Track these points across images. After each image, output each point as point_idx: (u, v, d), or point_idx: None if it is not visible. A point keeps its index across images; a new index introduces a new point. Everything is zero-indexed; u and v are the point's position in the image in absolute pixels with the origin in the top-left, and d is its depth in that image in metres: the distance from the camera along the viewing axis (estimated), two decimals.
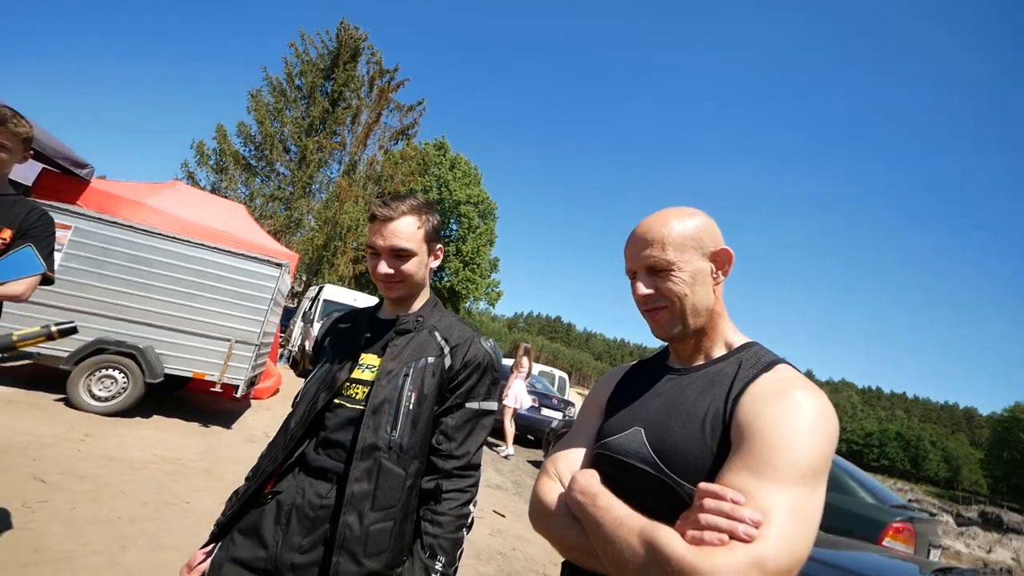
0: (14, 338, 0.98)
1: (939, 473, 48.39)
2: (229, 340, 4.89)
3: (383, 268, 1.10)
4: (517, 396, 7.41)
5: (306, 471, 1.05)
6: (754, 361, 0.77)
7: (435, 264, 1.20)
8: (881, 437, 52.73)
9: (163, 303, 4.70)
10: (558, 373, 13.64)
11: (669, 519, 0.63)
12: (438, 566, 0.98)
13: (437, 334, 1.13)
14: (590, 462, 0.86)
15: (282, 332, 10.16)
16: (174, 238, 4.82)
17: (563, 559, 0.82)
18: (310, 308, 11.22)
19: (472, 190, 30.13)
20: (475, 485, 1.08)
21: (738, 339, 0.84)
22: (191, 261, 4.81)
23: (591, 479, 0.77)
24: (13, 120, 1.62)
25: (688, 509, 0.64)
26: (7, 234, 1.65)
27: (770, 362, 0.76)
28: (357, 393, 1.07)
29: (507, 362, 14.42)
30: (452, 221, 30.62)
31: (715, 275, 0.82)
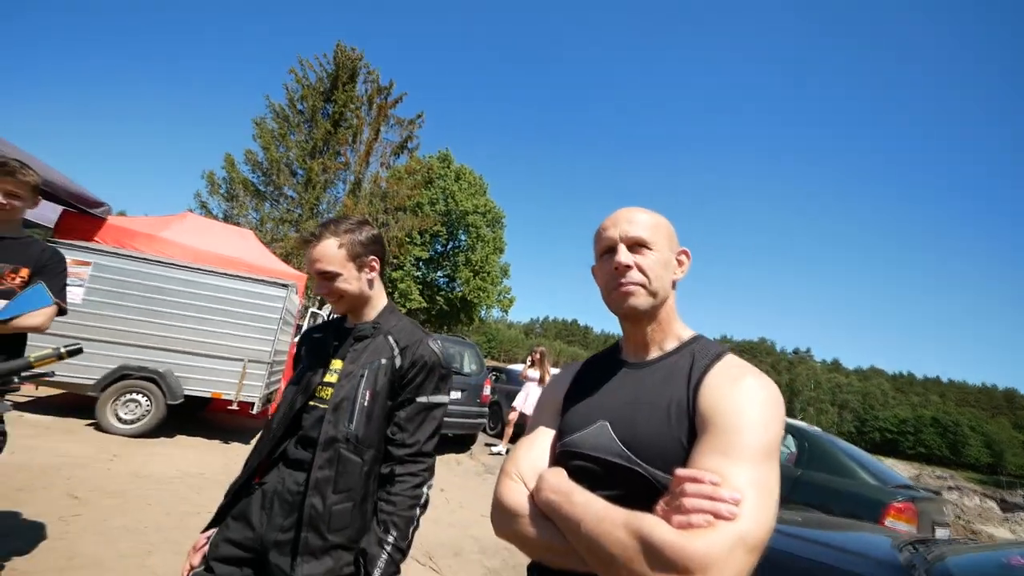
0: (31, 359, 1.18)
1: (980, 459, 46.48)
2: (243, 360, 5.16)
3: (320, 288, 1.25)
4: (527, 399, 7.47)
5: (286, 464, 1.21)
6: (705, 352, 0.82)
7: (371, 276, 1.30)
8: (916, 424, 50.98)
9: (180, 328, 5.00)
10: (556, 371, 13.72)
11: (643, 508, 0.64)
12: (390, 539, 1.12)
13: (390, 337, 1.26)
14: (555, 460, 0.86)
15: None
16: (186, 267, 5.13)
17: (530, 561, 0.83)
18: None
19: (478, 200, 30.47)
20: (428, 470, 1.22)
21: (686, 333, 0.89)
22: (203, 288, 5.11)
23: (561, 477, 0.77)
24: (21, 171, 1.83)
25: (663, 496, 0.66)
26: (25, 273, 1.87)
27: (719, 352, 0.81)
28: (326, 394, 1.22)
29: (519, 367, 14.41)
30: (460, 232, 30.99)
31: (675, 271, 0.88)
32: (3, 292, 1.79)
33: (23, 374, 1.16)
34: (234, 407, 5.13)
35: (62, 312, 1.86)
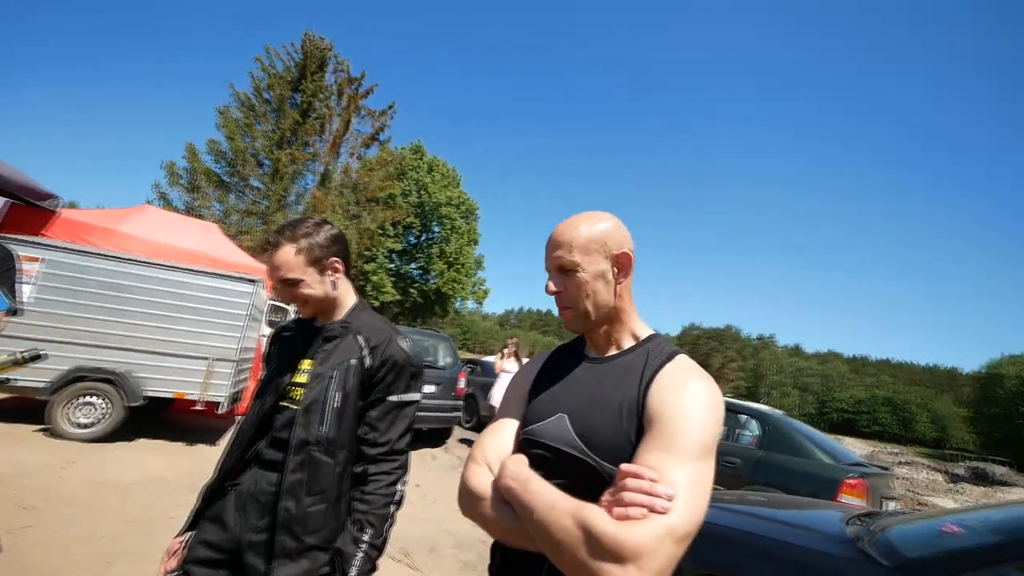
0: None
1: (928, 434, 49.65)
2: (208, 358, 4.99)
3: (284, 294, 1.26)
4: (500, 394, 7.54)
5: (259, 464, 1.22)
6: (658, 352, 0.88)
7: (335, 277, 1.29)
8: (871, 403, 53.98)
9: (140, 327, 4.79)
10: None
11: (591, 495, 0.72)
12: (365, 537, 1.13)
13: (360, 337, 1.25)
14: (517, 447, 0.92)
15: None
16: (145, 262, 4.90)
17: (493, 540, 0.89)
18: None
19: (452, 192, 30.22)
20: (401, 467, 1.22)
21: (644, 331, 0.95)
22: (164, 284, 4.90)
23: (521, 465, 0.81)
24: None
25: (610, 487, 0.73)
26: None
27: (671, 353, 0.87)
28: (297, 395, 1.22)
29: (492, 359, 14.41)
30: (434, 223, 30.70)
31: (616, 276, 0.91)
32: None
33: None
34: (199, 407, 4.97)
35: (13, 312, 1.78)
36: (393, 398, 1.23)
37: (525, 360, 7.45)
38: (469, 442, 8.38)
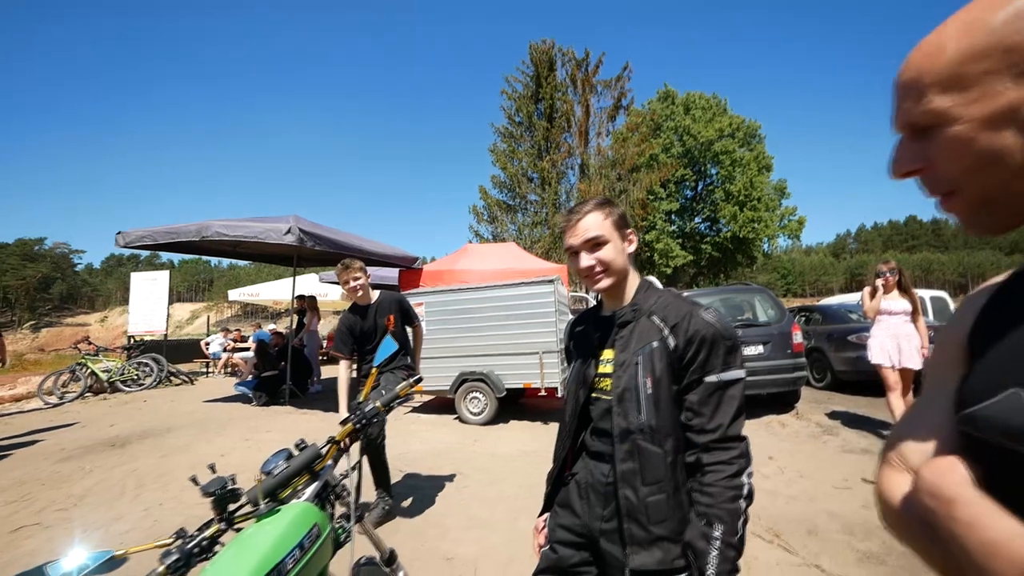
0: (398, 390, 1.62)
1: None
2: (538, 352, 5.92)
3: (584, 262, 1.21)
4: (882, 346, 4.71)
5: (589, 455, 1.27)
6: None
7: (631, 249, 1.26)
8: None
9: (489, 336, 6.15)
10: (930, 295, 9.29)
11: None
12: (716, 533, 1.01)
13: (655, 318, 1.17)
14: (952, 443, 0.57)
15: None
16: (480, 287, 6.31)
17: None
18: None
19: (720, 122, 26.45)
20: (741, 456, 1.07)
21: None
22: (495, 300, 6.15)
23: (946, 475, 0.50)
24: (353, 263, 3.11)
25: None
26: (392, 318, 2.94)
27: None
28: (606, 386, 1.21)
29: (850, 298, 11.34)
30: (709, 166, 27.59)
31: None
32: (392, 334, 2.70)
33: (396, 401, 1.61)
34: (542, 393, 5.94)
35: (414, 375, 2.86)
36: (712, 378, 1.09)
37: (926, 297, 4.34)
38: (823, 405, 6.87)
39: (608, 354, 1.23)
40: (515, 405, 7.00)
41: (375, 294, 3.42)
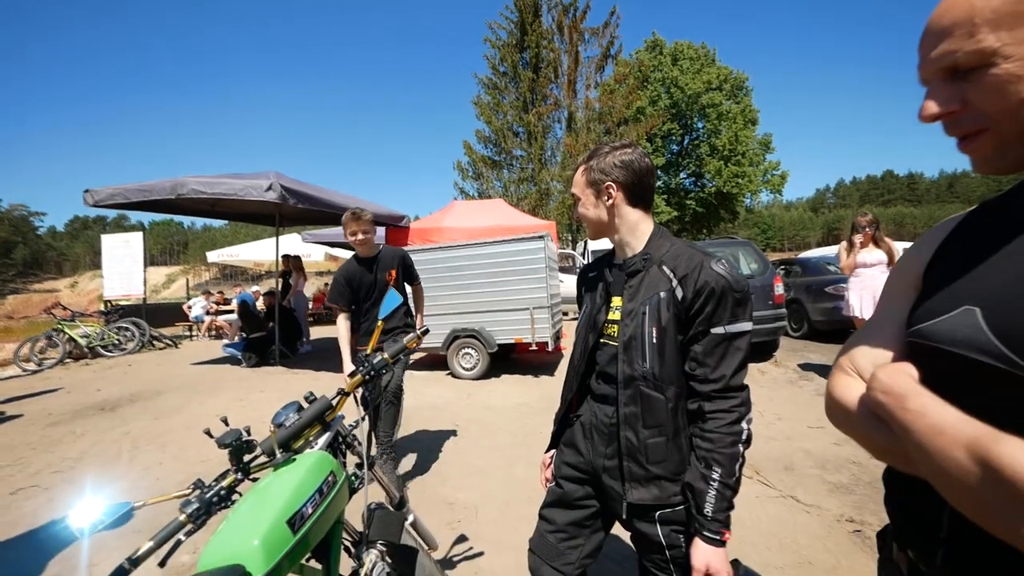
0: (405, 341, 1.63)
1: None
2: (528, 308, 5.97)
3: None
4: (862, 300, 4.91)
5: (594, 398, 1.32)
6: None
7: (610, 202, 1.25)
8: None
9: (479, 293, 6.15)
10: (903, 248, 10.03)
11: (1019, 423, 0.48)
12: (715, 475, 1.07)
13: (665, 267, 1.18)
14: (902, 354, 0.68)
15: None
16: (468, 245, 6.21)
17: (885, 467, 0.72)
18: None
19: (708, 74, 25.78)
20: (742, 404, 1.11)
21: None
22: (484, 257, 6.10)
23: (896, 376, 0.61)
24: (364, 214, 3.01)
25: None
26: (393, 273, 2.95)
27: None
28: (614, 332, 1.25)
29: (829, 251, 11.75)
30: (696, 119, 27.13)
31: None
32: (394, 287, 2.67)
33: (403, 352, 1.64)
34: (533, 348, 6.04)
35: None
36: (718, 330, 1.11)
37: (899, 248, 4.90)
38: (799, 353, 7.19)
39: (617, 301, 1.26)
40: (506, 360, 7.13)
41: (378, 247, 3.30)
